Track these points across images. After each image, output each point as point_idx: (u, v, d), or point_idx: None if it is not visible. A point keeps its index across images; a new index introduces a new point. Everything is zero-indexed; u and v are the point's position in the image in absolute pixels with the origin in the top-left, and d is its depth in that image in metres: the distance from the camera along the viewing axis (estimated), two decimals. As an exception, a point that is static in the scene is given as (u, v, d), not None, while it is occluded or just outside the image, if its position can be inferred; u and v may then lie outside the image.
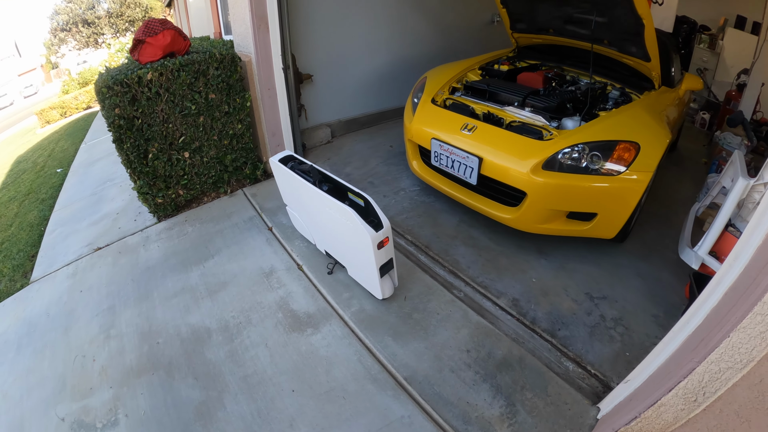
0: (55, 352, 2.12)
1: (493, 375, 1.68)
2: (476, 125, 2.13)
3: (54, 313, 2.38)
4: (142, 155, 2.59)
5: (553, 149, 1.86)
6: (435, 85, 2.60)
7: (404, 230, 2.58)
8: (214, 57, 2.52)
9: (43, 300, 2.52)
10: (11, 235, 3.73)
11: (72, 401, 1.88)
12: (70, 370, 2.02)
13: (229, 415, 1.69)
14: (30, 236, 3.50)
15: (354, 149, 3.70)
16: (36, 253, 3.11)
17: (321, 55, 3.38)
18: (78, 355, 2.09)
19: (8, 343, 2.24)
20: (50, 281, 2.69)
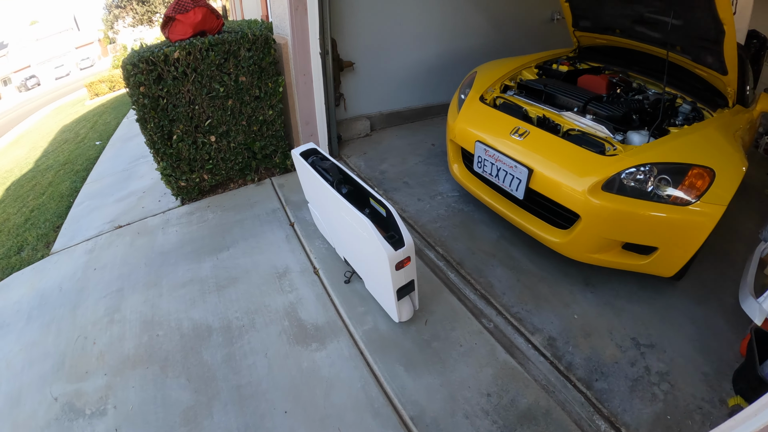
0: (60, 329, 2.24)
1: (513, 428, 1.51)
2: (528, 130, 1.96)
3: (66, 288, 2.53)
4: (166, 136, 2.68)
5: (616, 167, 1.67)
6: (485, 81, 2.45)
7: (436, 241, 2.45)
8: (245, 37, 2.54)
9: (58, 273, 2.69)
10: (41, 204, 4.07)
11: (67, 382, 1.96)
12: (71, 350, 2.11)
13: (215, 426, 1.66)
14: (58, 207, 3.80)
15: (393, 145, 3.64)
16: (61, 224, 3.35)
17: (365, 41, 3.34)
18: (80, 335, 2.18)
19: (20, 313, 2.41)
20: (69, 255, 2.87)
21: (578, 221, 1.78)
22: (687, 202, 1.61)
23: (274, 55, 2.68)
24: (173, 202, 3.25)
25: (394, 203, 2.85)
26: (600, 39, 2.59)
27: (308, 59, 2.80)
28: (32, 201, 4.22)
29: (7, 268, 2.96)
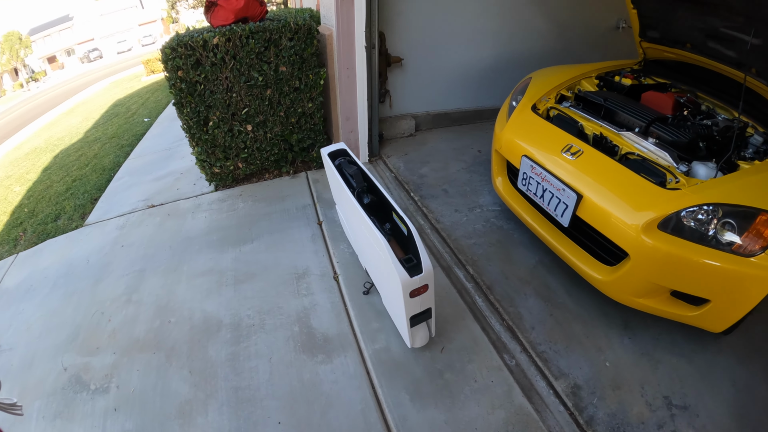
0: (80, 302, 2.39)
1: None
2: (582, 149, 1.81)
3: (93, 261, 2.71)
4: (201, 122, 2.80)
5: (677, 204, 1.49)
6: (540, 88, 2.31)
7: (467, 259, 2.34)
8: (287, 26, 2.58)
9: (88, 245, 2.90)
10: (84, 175, 4.45)
11: (78, 355, 2.09)
12: (87, 324, 2.25)
13: (207, 424, 1.68)
14: (99, 179, 4.12)
15: (437, 147, 3.57)
16: (99, 197, 3.63)
17: (416, 37, 3.30)
18: (98, 311, 2.32)
19: (47, 280, 2.61)
20: (101, 228, 3.09)
21: (626, 260, 1.62)
22: (750, 252, 1.42)
23: (316, 46, 2.71)
24: (207, 187, 3.39)
25: (429, 212, 2.77)
26: (668, 53, 2.40)
27: (353, 52, 2.80)
28: (76, 171, 4.62)
29: (42, 234, 3.25)
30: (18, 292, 2.58)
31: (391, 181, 3.19)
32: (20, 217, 3.84)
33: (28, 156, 6.42)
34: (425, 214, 2.78)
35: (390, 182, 3.18)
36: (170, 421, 1.73)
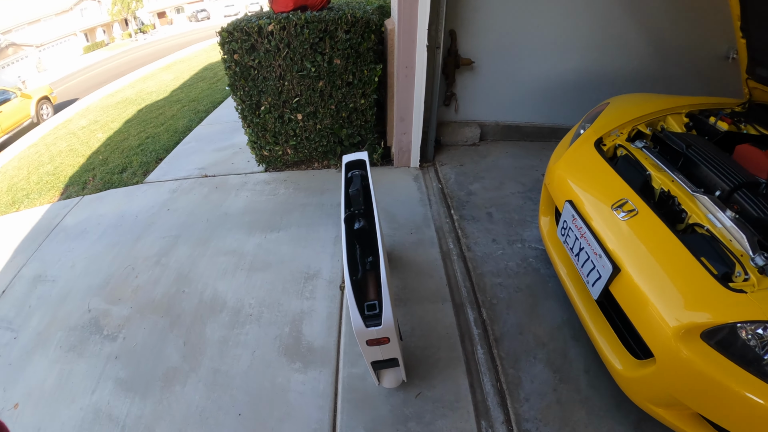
0: (119, 253, 2.82)
1: None
2: (638, 209, 1.57)
3: (140, 219, 3.16)
4: (254, 106, 3.06)
5: (736, 313, 1.19)
6: (614, 118, 2.05)
7: (485, 301, 2.22)
8: (344, 18, 2.65)
9: (141, 202, 3.39)
10: (157, 134, 5.12)
11: (103, 300, 2.48)
12: (118, 275, 2.65)
13: (181, 395, 1.91)
14: (169, 141, 4.75)
15: (498, 163, 3.42)
16: (163, 158, 4.19)
17: (491, 39, 3.16)
18: (130, 265, 2.71)
19: (99, 227, 3.13)
20: (156, 188, 3.58)
21: (651, 361, 1.37)
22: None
23: (374, 41, 2.76)
24: (258, 167, 3.70)
25: (464, 235, 2.67)
26: (780, 98, 1.93)
27: (413, 51, 2.78)
28: (151, 128, 5.36)
29: (107, 183, 3.87)
30: (74, 232, 3.14)
31: (435, 193, 3.13)
32: (94, 162, 4.62)
33: (118, 105, 7.50)
34: (458, 238, 2.68)
35: (433, 194, 3.12)
36: (155, 382, 2.00)
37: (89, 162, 4.72)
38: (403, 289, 2.32)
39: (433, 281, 2.38)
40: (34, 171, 4.95)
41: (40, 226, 3.33)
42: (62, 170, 4.64)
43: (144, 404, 1.91)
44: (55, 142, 6.06)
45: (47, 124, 8.35)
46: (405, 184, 3.28)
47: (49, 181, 4.40)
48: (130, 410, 1.89)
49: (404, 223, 2.84)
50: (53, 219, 3.39)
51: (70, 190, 3.96)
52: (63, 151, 5.41)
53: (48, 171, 4.72)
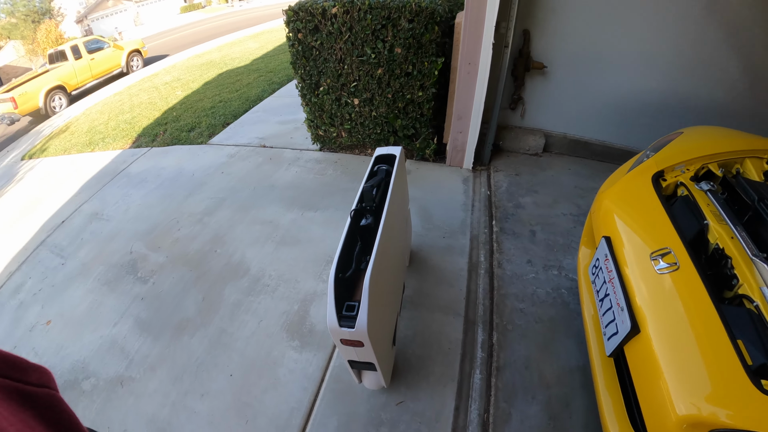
0: (169, 206, 3.15)
1: None
2: (680, 263, 1.39)
3: (196, 177, 3.49)
4: (313, 85, 3.20)
5: (759, 422, 1.02)
6: (683, 151, 1.82)
7: (499, 324, 2.14)
8: (408, 7, 2.64)
9: (200, 162, 3.73)
10: (230, 99, 5.56)
11: (144, 246, 2.81)
12: (163, 225, 2.98)
13: (187, 345, 2.14)
14: (238, 108, 5.15)
15: (557, 178, 3.23)
16: (230, 123, 4.56)
17: (568, 43, 2.93)
18: (176, 218, 3.01)
19: (158, 178, 3.52)
20: (216, 151, 3.91)
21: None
22: None
23: (437, 33, 2.71)
24: (313, 145, 3.87)
25: (499, 250, 2.58)
26: None
27: (477, 47, 2.69)
28: (226, 93, 5.83)
29: (175, 139, 4.32)
30: (135, 179, 3.57)
31: (481, 199, 3.03)
32: (167, 118, 5.17)
33: (202, 67, 8.23)
34: (491, 251, 2.59)
35: (479, 200, 3.03)
36: (168, 328, 2.26)
37: (164, 116, 5.31)
38: (418, 294, 2.32)
39: (452, 292, 2.34)
40: (114, 117, 5.64)
41: (108, 169, 3.84)
42: (138, 121, 5.26)
43: (153, 346, 2.16)
44: (138, 93, 6.85)
45: (135, 75, 9.43)
46: (452, 184, 3.23)
47: (125, 129, 5.01)
48: (141, 348, 2.15)
49: (439, 225, 2.81)
50: (120, 164, 3.89)
51: (141, 140, 4.48)
52: (143, 102, 6.11)
53: (126, 119, 5.38)
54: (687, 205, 1.68)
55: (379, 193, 1.82)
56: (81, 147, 4.78)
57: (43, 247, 3.12)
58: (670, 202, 1.73)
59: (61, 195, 3.88)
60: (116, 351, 2.16)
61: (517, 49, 2.94)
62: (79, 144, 4.98)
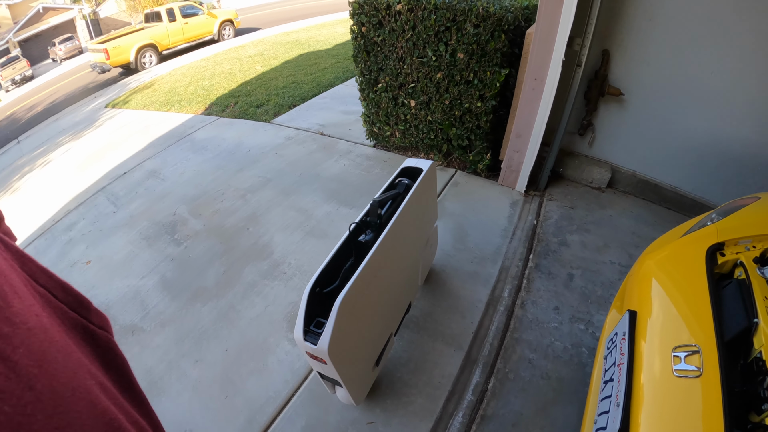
0: (219, 177, 3.38)
1: None
2: (705, 370, 1.16)
3: (251, 153, 3.70)
4: (372, 81, 3.21)
5: None
6: (754, 223, 1.52)
7: (500, 370, 2.00)
8: (474, 11, 2.49)
9: (258, 139, 3.95)
10: (302, 82, 5.76)
11: (187, 211, 3.07)
12: (209, 194, 3.21)
13: (198, 312, 2.31)
14: (308, 91, 5.33)
15: (616, 221, 2.92)
16: (296, 105, 4.74)
17: (650, 72, 2.57)
18: (221, 190, 3.22)
19: (217, 148, 3.79)
20: (276, 131, 4.09)
21: None
22: None
23: (504, 42, 2.55)
24: (368, 141, 3.89)
25: (526, 289, 2.40)
26: None
27: (546, 63, 2.47)
28: (300, 75, 6.05)
29: (242, 113, 4.60)
30: (197, 146, 3.86)
31: (525, 228, 2.83)
32: (241, 91, 5.51)
33: (286, 45, 8.52)
34: (519, 288, 2.42)
35: (521, 229, 2.83)
36: (186, 292, 2.45)
37: (238, 89, 5.68)
38: (426, 317, 2.25)
39: (462, 323, 2.23)
40: (194, 82, 6.13)
41: (176, 131, 4.20)
42: (215, 89, 5.68)
43: (169, 305, 2.37)
44: (222, 62, 7.35)
45: (224, 44, 10.10)
46: (497, 206, 3.05)
47: (201, 95, 5.43)
48: (158, 304, 2.37)
49: (471, 248, 2.68)
50: (188, 129, 4.25)
51: (212, 108, 4.83)
52: (224, 72, 6.57)
53: (204, 86, 5.82)
54: (740, 292, 1.41)
55: (390, 209, 1.77)
56: (158, 105, 5.28)
57: (101, 193, 3.55)
58: (721, 284, 1.47)
59: (129, 148, 4.37)
60: (137, 302, 2.39)
61: (593, 70, 2.67)
62: (157, 102, 5.50)
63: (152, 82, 7.36)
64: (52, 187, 4.21)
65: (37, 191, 4.28)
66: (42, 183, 4.45)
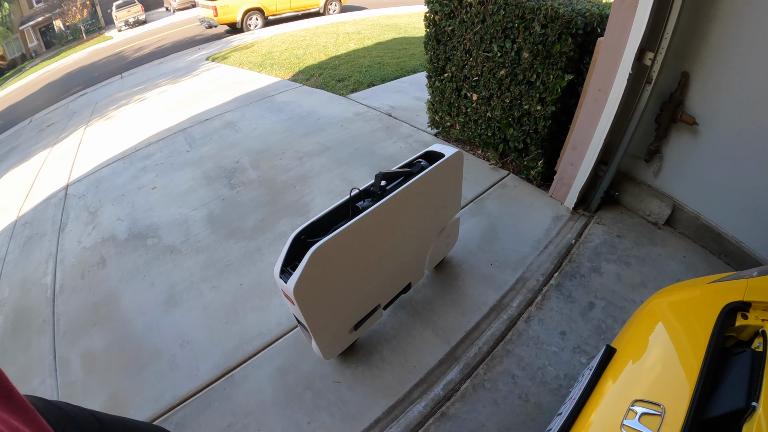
0: (286, 138, 3.64)
1: None
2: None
3: (320, 122, 3.90)
4: (439, 70, 3.14)
5: None
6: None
7: (479, 376, 1.90)
8: (543, 10, 2.29)
9: (331, 111, 4.14)
10: (386, 64, 5.75)
11: (248, 162, 3.36)
12: (273, 150, 3.47)
13: (229, 248, 2.55)
14: (390, 74, 5.34)
15: (663, 263, 2.56)
16: (374, 85, 4.85)
17: (734, 105, 2.09)
18: (283, 150, 3.47)
19: (291, 112, 4.04)
20: (348, 106, 4.25)
21: None
22: None
23: (569, 46, 2.32)
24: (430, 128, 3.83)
25: (539, 306, 2.23)
26: None
27: (611, 74, 2.19)
28: (387, 58, 6.03)
29: (324, 84, 4.83)
30: (274, 107, 4.16)
31: (559, 244, 2.62)
32: (329, 65, 5.70)
33: (384, 27, 8.45)
34: (530, 302, 2.26)
35: (556, 245, 2.62)
36: (225, 229, 2.70)
37: (326, 62, 5.89)
38: (425, 304, 2.22)
39: (458, 320, 2.17)
40: (289, 50, 6.45)
41: (261, 91, 4.53)
42: (306, 59, 5.96)
43: (208, 236, 2.65)
44: (320, 35, 7.61)
45: (327, 18, 10.31)
46: (539, 216, 2.85)
47: (292, 62, 5.74)
48: (199, 234, 2.67)
49: (495, 252, 2.56)
50: (271, 91, 4.55)
51: (299, 75, 5.10)
52: (319, 44, 6.82)
53: (297, 54, 6.12)
54: (750, 366, 1.15)
55: (398, 185, 1.76)
56: (252, 65, 5.69)
57: (181, 133, 3.99)
58: (733, 351, 1.24)
59: (216, 99, 4.79)
60: (183, 228, 2.70)
61: (668, 92, 2.32)
62: (252, 62, 5.92)
63: (252, 43, 7.84)
64: (141, 120, 4.76)
65: (127, 122, 4.89)
66: (133, 116, 5.06)
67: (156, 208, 2.97)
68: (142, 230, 2.81)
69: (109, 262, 2.66)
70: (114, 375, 1.99)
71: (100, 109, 5.90)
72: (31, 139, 5.79)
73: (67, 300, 2.47)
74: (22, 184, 4.12)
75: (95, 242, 2.85)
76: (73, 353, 2.13)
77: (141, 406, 1.84)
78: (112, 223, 3.00)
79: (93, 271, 2.61)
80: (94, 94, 7.20)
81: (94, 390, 1.94)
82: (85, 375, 2.02)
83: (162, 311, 2.25)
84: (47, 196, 3.68)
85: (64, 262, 2.75)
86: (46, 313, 2.42)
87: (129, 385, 1.94)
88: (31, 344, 2.25)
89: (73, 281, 2.58)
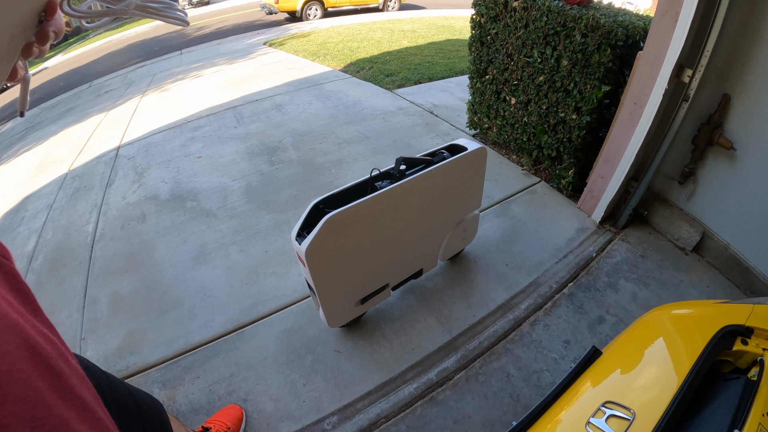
0: (329, 124, 3.74)
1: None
2: None
3: (363, 113, 3.98)
4: (481, 71, 3.07)
5: None
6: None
7: (473, 368, 1.87)
8: (585, 19, 2.17)
9: (375, 103, 4.20)
10: (436, 63, 5.67)
11: (291, 142, 3.47)
12: (315, 134, 3.58)
13: (261, 216, 2.67)
14: (438, 73, 5.26)
15: (684, 289, 2.34)
16: (420, 82, 4.81)
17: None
18: (324, 134, 3.58)
19: (338, 101, 4.13)
20: (393, 100, 4.29)
21: None
22: None
23: (608, 56, 2.19)
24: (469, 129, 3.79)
25: (547, 312, 2.16)
26: None
27: (648, 89, 2.05)
28: (438, 58, 5.94)
29: (373, 78, 4.86)
30: (323, 95, 4.27)
31: (578, 255, 2.51)
32: (379, 59, 5.70)
33: (440, 28, 8.28)
34: (539, 307, 2.19)
35: (576, 255, 2.52)
36: (260, 200, 2.82)
37: (377, 57, 5.90)
38: (434, 292, 2.22)
39: (464, 312, 2.14)
40: (343, 42, 6.50)
41: (311, 79, 4.64)
42: (358, 52, 6.01)
43: (243, 205, 2.77)
44: (376, 30, 7.59)
45: (385, 15, 10.24)
46: (563, 226, 2.75)
47: (345, 54, 5.81)
48: (235, 202, 2.79)
49: (513, 254, 2.51)
50: (321, 79, 4.65)
51: (349, 67, 5.17)
52: (373, 39, 6.83)
53: (350, 47, 6.17)
54: (740, 394, 1.08)
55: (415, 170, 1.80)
56: (306, 54, 5.79)
57: (231, 110, 4.15)
58: (728, 376, 1.18)
59: (268, 82, 4.91)
60: (222, 195, 2.85)
61: (707, 114, 2.17)
62: (306, 51, 6.02)
63: (309, 32, 7.94)
64: (195, 95, 4.91)
65: (182, 95, 5.06)
66: (188, 90, 5.22)
67: (199, 175, 3.14)
68: (183, 193, 2.97)
69: (148, 218, 2.83)
70: (136, 316, 2.13)
71: (157, 81, 6.13)
72: (88, 102, 6.05)
73: (104, 247, 2.66)
74: (76, 141, 4.37)
75: (138, 199, 3.04)
76: (102, 293, 2.30)
77: (155, 347, 1.96)
78: (156, 184, 3.17)
79: (132, 224, 2.79)
80: (153, 66, 7.47)
81: (116, 327, 2.09)
82: (110, 313, 2.18)
83: (190, 266, 2.38)
84: (99, 154, 3.92)
85: (107, 214, 2.95)
86: (83, 256, 2.61)
87: (148, 326, 2.07)
88: (65, 281, 2.43)
89: (113, 231, 2.77)
